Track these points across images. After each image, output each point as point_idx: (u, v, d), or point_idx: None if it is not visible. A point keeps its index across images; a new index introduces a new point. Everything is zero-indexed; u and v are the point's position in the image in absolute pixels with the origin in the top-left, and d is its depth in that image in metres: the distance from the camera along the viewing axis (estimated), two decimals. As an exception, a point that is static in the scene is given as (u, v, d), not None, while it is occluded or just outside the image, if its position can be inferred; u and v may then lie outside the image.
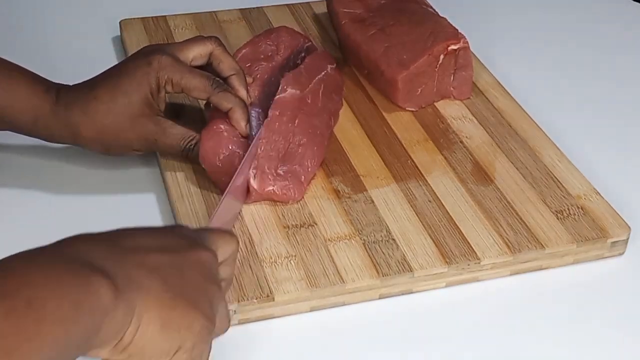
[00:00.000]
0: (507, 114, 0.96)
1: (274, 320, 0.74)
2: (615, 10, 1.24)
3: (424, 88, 0.96)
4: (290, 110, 0.85)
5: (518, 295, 0.78)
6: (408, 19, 1.00)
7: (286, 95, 0.86)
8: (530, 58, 1.12)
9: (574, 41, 1.16)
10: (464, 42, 0.96)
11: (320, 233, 0.79)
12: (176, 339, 0.56)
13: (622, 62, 1.12)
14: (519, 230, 0.80)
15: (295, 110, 0.86)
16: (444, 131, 0.94)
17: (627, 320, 0.76)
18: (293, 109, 0.86)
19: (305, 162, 0.85)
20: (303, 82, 0.89)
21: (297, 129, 0.86)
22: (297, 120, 0.86)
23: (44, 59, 1.04)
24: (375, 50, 0.98)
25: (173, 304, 0.56)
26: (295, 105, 0.86)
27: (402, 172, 0.87)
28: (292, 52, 0.96)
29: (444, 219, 0.81)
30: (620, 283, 0.80)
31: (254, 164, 0.81)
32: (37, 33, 1.12)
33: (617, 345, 0.74)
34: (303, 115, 0.87)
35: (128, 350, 0.55)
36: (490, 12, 1.23)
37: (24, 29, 1.13)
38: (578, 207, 0.83)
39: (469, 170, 0.88)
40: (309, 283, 0.74)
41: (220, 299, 0.62)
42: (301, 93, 0.87)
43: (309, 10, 1.16)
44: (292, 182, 0.83)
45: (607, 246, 0.81)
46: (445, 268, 0.77)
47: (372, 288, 0.75)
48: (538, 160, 0.89)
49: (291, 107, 0.86)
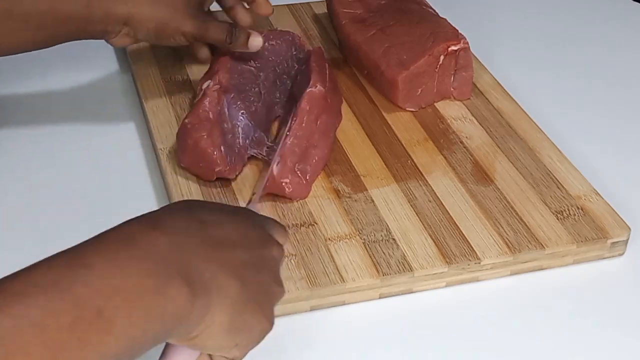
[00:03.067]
0: (507, 114, 0.96)
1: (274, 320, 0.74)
2: (615, 10, 1.24)
3: (424, 88, 0.96)
4: (317, 108, 0.86)
5: (518, 295, 0.78)
6: (408, 20, 1.00)
7: (316, 91, 0.86)
8: (530, 58, 1.12)
9: (574, 41, 1.16)
10: (464, 43, 0.96)
11: (321, 232, 0.80)
12: (236, 338, 0.57)
13: (622, 62, 1.12)
14: (519, 230, 0.80)
15: (321, 108, 0.87)
16: (444, 131, 0.94)
17: (627, 320, 0.76)
18: (319, 107, 0.87)
19: (315, 162, 0.85)
20: (323, 79, 0.89)
21: (318, 129, 0.86)
22: (319, 120, 0.86)
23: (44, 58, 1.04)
24: (375, 51, 0.98)
25: (244, 308, 0.57)
26: (321, 104, 0.87)
27: (402, 172, 0.87)
28: (285, 51, 0.97)
29: (444, 219, 0.81)
30: (620, 283, 0.80)
31: (279, 151, 0.83)
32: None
33: (618, 345, 0.74)
34: (325, 115, 0.87)
35: (192, 341, 0.55)
36: (490, 12, 1.23)
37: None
38: (578, 207, 0.83)
39: (469, 171, 0.88)
40: (309, 282, 0.74)
41: (280, 299, 0.62)
42: (325, 91, 0.88)
43: (309, 10, 1.16)
44: (303, 180, 0.83)
45: (607, 246, 0.81)
46: (445, 268, 0.77)
47: (372, 287, 0.75)
48: (538, 161, 0.89)
49: (318, 104, 0.87)
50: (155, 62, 1.03)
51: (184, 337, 0.55)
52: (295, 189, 0.83)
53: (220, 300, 0.55)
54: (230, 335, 0.57)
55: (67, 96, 1.01)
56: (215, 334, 0.56)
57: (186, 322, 0.53)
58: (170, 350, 0.59)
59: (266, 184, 0.82)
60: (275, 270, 0.62)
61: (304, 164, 0.84)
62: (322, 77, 0.90)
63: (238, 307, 0.56)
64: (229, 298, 0.56)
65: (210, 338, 0.56)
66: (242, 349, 0.59)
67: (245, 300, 0.57)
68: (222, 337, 0.56)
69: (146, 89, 0.98)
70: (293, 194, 0.83)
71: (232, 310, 0.56)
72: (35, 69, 1.04)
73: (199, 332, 0.55)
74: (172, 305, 0.51)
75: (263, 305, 0.59)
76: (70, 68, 1.05)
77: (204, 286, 0.54)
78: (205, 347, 0.57)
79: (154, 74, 1.01)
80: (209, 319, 0.54)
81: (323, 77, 0.90)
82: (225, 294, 0.55)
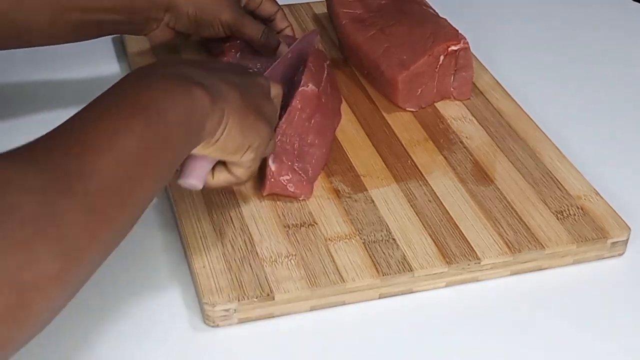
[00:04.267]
0: (507, 114, 0.96)
1: (274, 320, 0.74)
2: (615, 10, 1.24)
3: (424, 88, 0.97)
4: (309, 107, 0.86)
5: (518, 295, 0.78)
6: (408, 20, 1.00)
7: (308, 90, 0.86)
8: (530, 59, 1.12)
9: (574, 41, 1.16)
10: (464, 43, 0.96)
11: (321, 232, 0.80)
12: (249, 138, 0.69)
13: (622, 63, 1.12)
14: (519, 230, 0.80)
15: (314, 107, 0.87)
16: (444, 131, 0.94)
17: (627, 320, 0.76)
18: (312, 106, 0.87)
19: (315, 162, 0.85)
20: (317, 79, 0.89)
21: (312, 129, 0.86)
22: (313, 120, 0.86)
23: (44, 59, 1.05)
24: (375, 51, 0.98)
25: (247, 112, 0.68)
26: (314, 103, 0.87)
27: (402, 172, 0.87)
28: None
29: (444, 219, 0.81)
30: (620, 283, 0.80)
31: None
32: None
33: (618, 345, 0.74)
34: (319, 115, 0.87)
35: (216, 145, 0.66)
36: (491, 12, 1.23)
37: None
38: (578, 207, 0.83)
39: (469, 171, 0.88)
40: (309, 282, 0.74)
41: (274, 113, 0.75)
42: (318, 91, 0.88)
43: (309, 10, 1.16)
44: (305, 179, 0.83)
45: (607, 246, 0.81)
46: (445, 268, 0.77)
47: (372, 287, 0.75)
48: (538, 161, 0.89)
49: (311, 103, 0.87)
50: (155, 62, 1.03)
51: (209, 142, 0.65)
52: (298, 187, 0.83)
53: (229, 105, 0.66)
54: (244, 134, 0.68)
55: (67, 96, 1.01)
56: (232, 135, 0.67)
57: (212, 120, 0.64)
58: (190, 159, 0.69)
59: (267, 183, 0.82)
60: (265, 91, 0.74)
61: (303, 163, 0.84)
62: (316, 77, 0.89)
63: (243, 111, 0.67)
64: (234, 103, 0.67)
65: (229, 139, 0.67)
66: (254, 151, 0.70)
67: (246, 106, 0.68)
68: (239, 138, 0.67)
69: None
70: (297, 193, 0.83)
71: (239, 114, 0.67)
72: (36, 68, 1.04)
73: (220, 135, 0.66)
74: (200, 105, 0.62)
75: (262, 113, 0.71)
76: (70, 68, 1.05)
77: (216, 91, 0.65)
78: (226, 148, 0.67)
79: (154, 74, 1.01)
80: (225, 122, 0.65)
81: (317, 77, 0.89)
82: (231, 101, 0.66)
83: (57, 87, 1.03)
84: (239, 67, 0.80)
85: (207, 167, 0.71)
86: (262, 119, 0.70)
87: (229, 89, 0.67)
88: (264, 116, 0.71)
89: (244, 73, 0.73)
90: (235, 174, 0.72)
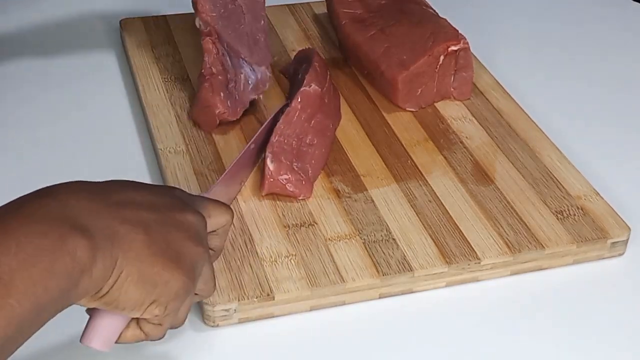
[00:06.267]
0: (507, 114, 0.96)
1: (274, 320, 0.74)
2: (615, 10, 1.24)
3: (424, 88, 0.96)
4: (310, 107, 0.86)
5: (518, 295, 0.78)
6: (408, 20, 1.00)
7: (310, 90, 0.86)
8: (530, 59, 1.12)
9: (573, 42, 1.16)
10: (464, 43, 0.96)
11: (321, 232, 0.80)
12: (151, 293, 0.57)
13: (622, 63, 1.12)
14: (519, 230, 0.80)
15: (316, 108, 0.87)
16: (444, 131, 0.94)
17: (627, 320, 0.76)
18: (313, 107, 0.87)
19: (314, 162, 0.85)
20: (321, 80, 0.89)
21: (312, 129, 0.86)
22: (313, 120, 0.87)
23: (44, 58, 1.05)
24: (375, 51, 0.98)
25: (153, 260, 0.57)
26: (317, 103, 0.87)
27: (402, 172, 0.87)
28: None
29: (444, 219, 0.81)
30: (620, 283, 0.80)
31: (269, 148, 0.83)
32: (38, 33, 1.12)
33: (618, 345, 0.74)
34: (320, 115, 0.87)
35: (103, 299, 0.56)
36: (490, 12, 1.23)
37: (24, 28, 1.13)
38: (578, 207, 0.83)
39: (469, 171, 0.88)
40: (309, 282, 0.74)
41: (205, 261, 0.62)
42: (322, 92, 0.88)
43: (309, 10, 1.16)
44: (304, 179, 0.83)
45: (607, 246, 0.81)
46: (445, 268, 0.77)
47: (372, 287, 0.75)
48: (538, 161, 0.89)
49: (312, 104, 0.87)
50: (155, 62, 1.03)
51: (94, 294, 0.55)
52: (297, 187, 0.83)
53: (124, 252, 0.55)
54: (144, 288, 0.57)
55: (67, 96, 1.01)
56: (125, 288, 0.56)
57: (91, 276, 0.53)
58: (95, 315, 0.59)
59: (265, 183, 0.82)
60: (192, 231, 0.61)
61: (302, 163, 0.84)
62: (320, 77, 0.90)
63: (146, 259, 0.56)
64: (133, 250, 0.56)
65: (121, 293, 0.56)
66: (161, 306, 0.58)
67: (153, 253, 0.57)
68: (134, 291, 0.56)
69: (146, 88, 0.98)
70: (297, 192, 0.83)
71: (139, 262, 0.56)
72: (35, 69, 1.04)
73: (109, 288, 0.55)
74: (73, 258, 0.52)
75: (178, 261, 0.59)
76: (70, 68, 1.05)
77: (104, 238, 0.54)
78: (119, 304, 0.56)
79: (154, 74, 1.01)
80: (117, 273, 0.55)
81: (321, 77, 0.90)
82: (129, 246, 0.56)
83: (55, 86, 1.03)
84: (173, 196, 0.63)
85: (115, 326, 0.59)
86: (176, 268, 0.58)
87: (131, 231, 0.56)
88: (180, 265, 0.59)
89: (168, 208, 0.60)
90: (143, 329, 0.61)
